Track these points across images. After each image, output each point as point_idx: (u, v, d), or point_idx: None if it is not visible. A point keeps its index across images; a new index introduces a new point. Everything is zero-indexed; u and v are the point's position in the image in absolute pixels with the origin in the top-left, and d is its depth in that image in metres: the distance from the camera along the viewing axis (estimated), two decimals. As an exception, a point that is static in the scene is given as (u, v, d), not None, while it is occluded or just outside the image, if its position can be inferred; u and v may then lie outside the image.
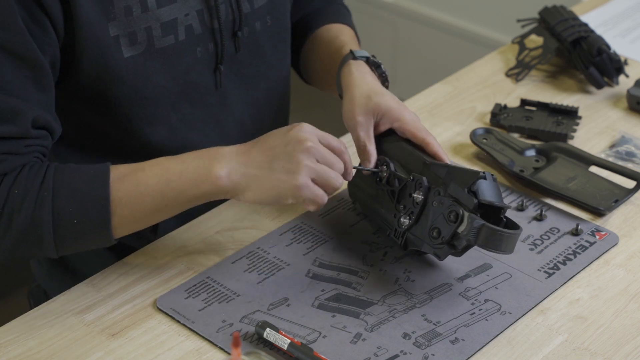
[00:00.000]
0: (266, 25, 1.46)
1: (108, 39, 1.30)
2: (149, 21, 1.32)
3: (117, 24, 1.30)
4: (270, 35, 1.47)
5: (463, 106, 1.67)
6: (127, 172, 1.26)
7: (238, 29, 1.41)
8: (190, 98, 1.40)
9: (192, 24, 1.36)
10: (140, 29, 1.32)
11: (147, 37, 1.33)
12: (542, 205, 1.44)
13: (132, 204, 1.25)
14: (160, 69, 1.35)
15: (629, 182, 1.47)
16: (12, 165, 1.25)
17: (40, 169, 1.25)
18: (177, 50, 1.36)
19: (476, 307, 1.27)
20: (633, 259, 1.36)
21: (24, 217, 1.23)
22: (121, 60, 1.32)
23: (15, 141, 1.26)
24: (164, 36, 1.34)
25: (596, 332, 1.24)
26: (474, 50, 2.94)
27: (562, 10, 1.79)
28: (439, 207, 1.25)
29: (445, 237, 1.24)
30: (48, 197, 1.23)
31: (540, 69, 1.76)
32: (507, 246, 1.23)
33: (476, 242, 1.22)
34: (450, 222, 1.23)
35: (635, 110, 1.66)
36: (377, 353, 1.20)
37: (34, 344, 1.22)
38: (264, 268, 1.32)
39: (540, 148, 1.54)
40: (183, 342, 1.22)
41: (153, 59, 1.34)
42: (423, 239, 1.27)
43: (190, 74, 1.39)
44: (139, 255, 1.35)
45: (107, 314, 1.26)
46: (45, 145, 1.30)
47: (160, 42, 1.34)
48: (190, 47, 1.37)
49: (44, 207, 1.23)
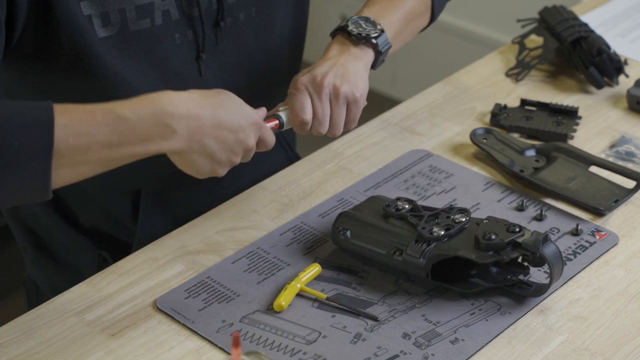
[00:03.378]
0: (250, 17, 1.43)
1: (81, 18, 1.28)
2: (123, 3, 1.30)
3: (89, 3, 1.28)
4: (254, 27, 1.44)
5: (463, 106, 1.67)
6: (74, 109, 1.16)
7: (220, 19, 1.39)
8: (172, 85, 1.36)
9: (170, 9, 1.34)
10: (114, 10, 1.30)
11: (121, 19, 1.31)
12: (542, 205, 1.44)
13: (78, 143, 1.14)
14: (136, 52, 1.33)
15: (629, 182, 1.47)
16: None
17: None
18: (153, 35, 1.34)
19: (476, 307, 1.27)
20: (633, 259, 1.36)
21: None
22: (96, 40, 1.29)
23: None
24: (139, 19, 1.32)
25: (596, 332, 1.24)
26: (474, 50, 2.94)
27: (562, 10, 1.79)
28: (491, 224, 1.26)
29: (503, 240, 1.23)
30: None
31: (540, 69, 1.76)
32: (559, 270, 1.25)
33: (540, 251, 1.22)
34: (510, 232, 1.24)
35: (635, 110, 1.66)
36: (377, 353, 1.20)
37: (34, 344, 1.22)
38: (264, 268, 1.32)
39: (540, 148, 1.54)
40: (183, 342, 1.22)
41: (127, 41, 1.32)
42: (461, 246, 1.25)
43: (170, 61, 1.37)
44: (139, 255, 1.35)
45: (107, 314, 1.26)
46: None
47: (135, 24, 1.32)
48: (168, 32, 1.35)
49: None
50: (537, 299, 1.28)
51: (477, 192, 1.46)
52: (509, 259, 1.24)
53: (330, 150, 1.55)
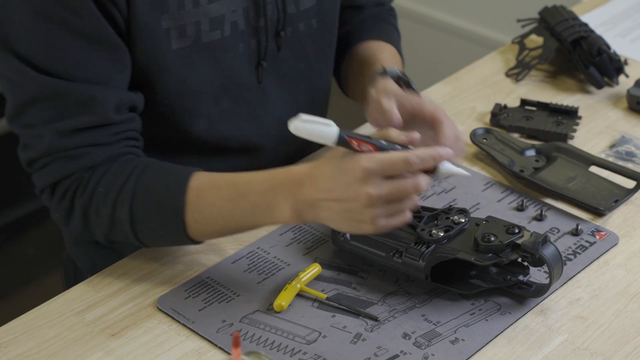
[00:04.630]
0: (311, 28, 1.45)
1: (160, 31, 1.30)
2: (199, 16, 1.32)
3: (169, 17, 1.30)
4: (314, 38, 1.47)
5: (463, 106, 1.67)
6: (204, 187, 1.26)
7: (281, 29, 1.41)
8: (231, 93, 1.41)
9: (237, 20, 1.36)
10: (190, 23, 1.32)
11: (196, 32, 1.33)
12: (542, 205, 1.44)
13: (206, 220, 1.25)
14: (204, 62, 1.35)
15: (629, 182, 1.47)
16: (99, 158, 1.27)
17: (126, 168, 1.27)
18: (221, 45, 1.36)
19: (476, 307, 1.27)
20: (633, 259, 1.35)
21: (108, 213, 1.27)
22: (169, 52, 1.32)
23: (98, 130, 1.27)
24: (211, 31, 1.34)
25: (596, 332, 1.24)
26: (474, 50, 2.94)
27: (562, 10, 1.79)
28: (490, 225, 1.26)
29: (503, 241, 1.23)
30: (127, 199, 1.26)
31: (540, 69, 1.76)
32: (559, 271, 1.25)
33: (539, 252, 1.22)
34: (509, 233, 1.24)
35: (635, 110, 1.66)
36: (377, 353, 1.20)
37: (34, 344, 1.22)
38: (264, 268, 1.32)
39: (540, 148, 1.54)
40: (183, 342, 1.22)
41: (199, 52, 1.34)
42: (460, 248, 1.25)
43: (232, 69, 1.39)
44: (139, 255, 1.35)
45: (107, 314, 1.26)
46: (133, 129, 1.31)
47: (208, 36, 1.34)
48: (234, 42, 1.37)
49: (124, 207, 1.26)
50: (537, 299, 1.27)
51: (477, 192, 1.46)
52: (508, 260, 1.24)
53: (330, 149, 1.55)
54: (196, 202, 1.25)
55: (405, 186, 1.17)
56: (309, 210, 1.20)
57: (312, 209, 1.20)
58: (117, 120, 1.28)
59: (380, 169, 1.16)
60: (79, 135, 1.27)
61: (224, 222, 1.25)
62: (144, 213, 1.26)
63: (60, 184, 1.28)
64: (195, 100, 1.38)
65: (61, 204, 1.29)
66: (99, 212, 1.27)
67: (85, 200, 1.27)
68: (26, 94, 1.26)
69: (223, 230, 1.27)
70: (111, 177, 1.27)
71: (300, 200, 1.20)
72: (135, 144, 1.32)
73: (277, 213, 1.22)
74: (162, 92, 1.35)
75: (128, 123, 1.30)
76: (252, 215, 1.24)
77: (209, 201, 1.25)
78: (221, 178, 1.26)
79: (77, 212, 1.28)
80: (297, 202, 1.20)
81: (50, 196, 1.30)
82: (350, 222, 1.18)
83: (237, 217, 1.24)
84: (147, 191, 1.26)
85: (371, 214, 1.16)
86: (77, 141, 1.27)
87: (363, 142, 1.17)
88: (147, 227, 1.27)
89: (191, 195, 1.25)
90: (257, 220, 1.24)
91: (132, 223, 1.26)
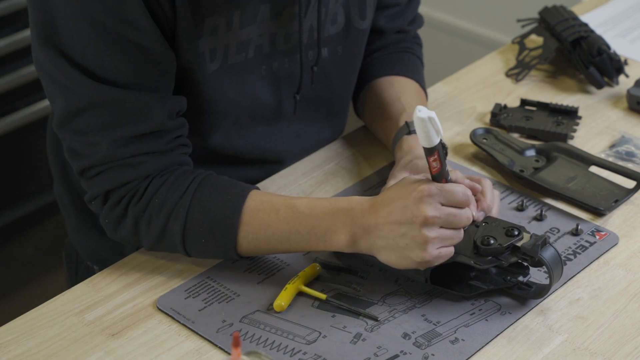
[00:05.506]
0: (336, 55, 1.46)
1: (197, 55, 1.31)
2: (229, 40, 1.33)
3: (204, 41, 1.31)
4: (338, 63, 1.47)
5: (463, 106, 1.67)
6: (260, 208, 1.27)
7: (313, 63, 1.43)
8: (258, 114, 1.42)
9: (262, 43, 1.37)
10: (221, 47, 1.33)
11: (224, 54, 1.34)
12: (542, 205, 1.44)
13: (258, 240, 1.28)
14: (230, 83, 1.36)
15: (629, 182, 1.47)
16: (156, 167, 1.29)
17: (183, 182, 1.28)
18: (246, 67, 1.37)
19: (476, 307, 1.27)
20: (633, 259, 1.36)
21: (160, 225, 1.28)
22: (206, 75, 1.33)
23: (153, 138, 1.28)
24: (237, 53, 1.35)
25: (596, 332, 1.24)
26: (474, 50, 2.94)
27: (562, 10, 1.79)
28: (489, 227, 1.26)
29: (502, 244, 1.23)
30: (182, 213, 1.27)
31: (540, 69, 1.76)
32: (558, 273, 1.25)
33: (539, 255, 1.22)
34: (509, 236, 1.24)
35: (635, 110, 1.66)
36: (377, 353, 1.20)
37: (34, 344, 1.22)
38: (264, 268, 1.32)
39: (540, 148, 1.54)
40: (183, 342, 1.22)
41: (225, 74, 1.35)
42: (459, 251, 1.25)
43: (256, 91, 1.40)
44: (139, 255, 1.35)
45: (107, 314, 1.26)
46: (184, 134, 1.33)
47: (233, 58, 1.35)
48: (257, 64, 1.38)
49: (177, 221, 1.27)
50: (537, 299, 1.27)
51: (477, 192, 1.46)
52: (508, 263, 1.24)
53: (330, 150, 1.55)
54: (251, 222, 1.27)
55: (460, 214, 1.21)
56: (365, 236, 1.22)
57: (368, 235, 1.22)
58: (170, 127, 1.30)
59: (440, 194, 1.20)
60: (135, 144, 1.28)
61: (276, 243, 1.27)
62: (197, 229, 1.28)
63: (114, 191, 1.29)
64: (219, 119, 1.39)
65: (114, 211, 1.30)
66: (151, 223, 1.28)
67: (139, 210, 1.28)
68: (81, 101, 1.26)
69: (273, 250, 1.29)
70: (168, 189, 1.28)
71: (359, 226, 1.22)
72: (187, 151, 1.34)
73: (334, 238, 1.24)
74: (189, 111, 1.36)
75: (180, 129, 1.32)
76: (307, 238, 1.26)
77: (265, 222, 1.27)
78: (279, 200, 1.28)
79: (129, 220, 1.29)
80: (355, 227, 1.23)
81: (102, 203, 1.31)
82: (402, 250, 1.21)
83: (292, 239, 1.26)
84: (202, 207, 1.27)
85: (425, 236, 1.19)
86: (134, 149, 1.28)
87: (438, 159, 1.20)
88: (197, 242, 1.28)
89: (247, 215, 1.27)
90: (311, 244, 1.26)
91: (183, 237, 1.28)
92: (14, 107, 2.35)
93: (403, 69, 1.55)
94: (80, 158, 1.29)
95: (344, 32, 1.45)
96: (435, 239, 1.20)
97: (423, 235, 1.19)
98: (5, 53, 2.32)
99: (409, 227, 1.20)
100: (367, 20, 1.47)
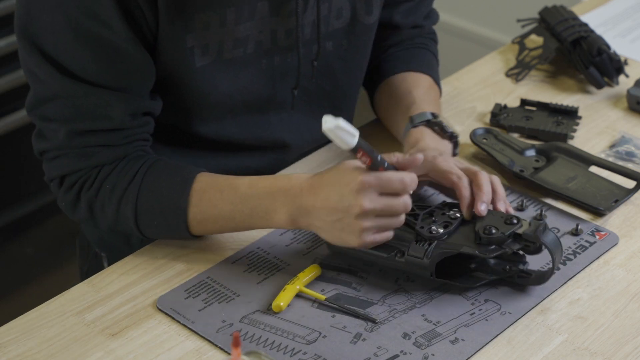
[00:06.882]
0: (341, 49, 1.46)
1: (184, 50, 1.33)
2: (224, 36, 1.34)
3: (194, 36, 1.32)
4: (343, 57, 1.48)
5: (463, 106, 1.67)
6: (206, 189, 1.30)
7: (314, 58, 1.44)
8: (254, 108, 1.44)
9: (263, 39, 1.38)
10: (214, 42, 1.34)
11: (218, 49, 1.35)
12: (542, 205, 1.44)
13: (207, 220, 1.31)
14: (225, 78, 1.38)
15: (629, 182, 1.47)
16: (108, 158, 1.32)
17: (132, 167, 1.32)
18: (244, 62, 1.38)
19: (476, 307, 1.27)
20: (633, 259, 1.36)
21: (113, 209, 1.32)
22: (193, 69, 1.34)
23: (110, 133, 1.32)
24: (234, 49, 1.36)
25: (596, 332, 1.24)
26: (474, 50, 2.94)
27: (562, 10, 1.79)
28: (487, 218, 1.26)
29: (504, 233, 1.24)
30: (132, 198, 1.31)
31: (540, 69, 1.76)
32: (559, 256, 1.26)
33: (541, 240, 1.23)
34: (508, 224, 1.25)
35: (635, 110, 1.66)
36: (377, 353, 1.20)
37: (34, 344, 1.22)
38: (264, 268, 1.32)
39: (540, 148, 1.54)
40: (183, 342, 1.22)
41: (220, 68, 1.36)
42: (462, 242, 1.26)
43: (254, 85, 1.41)
44: (139, 255, 1.35)
45: (107, 314, 1.26)
46: (146, 131, 1.36)
47: (230, 53, 1.36)
48: (256, 59, 1.39)
49: (128, 205, 1.31)
50: (537, 299, 1.28)
51: (477, 192, 1.46)
52: (512, 251, 1.25)
53: (330, 150, 1.55)
54: (199, 204, 1.30)
55: (396, 204, 1.24)
56: (304, 217, 1.25)
57: (306, 216, 1.25)
58: (130, 126, 1.33)
59: (377, 184, 1.22)
60: (91, 136, 1.31)
61: (224, 223, 1.31)
62: (148, 212, 1.31)
63: (68, 176, 1.33)
64: (209, 109, 1.40)
65: (68, 195, 1.34)
66: (104, 208, 1.32)
67: (91, 196, 1.32)
68: (47, 90, 1.30)
69: (223, 229, 1.32)
70: (117, 175, 1.31)
71: (297, 207, 1.25)
72: (144, 144, 1.36)
73: (274, 217, 1.27)
74: (180, 102, 1.39)
75: (141, 127, 1.35)
76: (250, 218, 1.29)
77: (212, 203, 1.29)
78: (224, 181, 1.31)
79: (82, 205, 1.33)
80: (293, 208, 1.26)
81: (58, 186, 1.35)
82: (338, 233, 1.24)
83: (236, 219, 1.30)
84: (151, 191, 1.31)
85: (360, 225, 1.22)
86: (88, 141, 1.31)
87: (366, 154, 1.21)
88: (150, 225, 1.32)
89: (194, 197, 1.30)
90: (254, 223, 1.30)
91: (136, 220, 1.31)
92: (14, 107, 2.35)
93: (417, 65, 1.57)
94: (42, 140, 1.34)
95: (350, 27, 1.46)
96: (370, 228, 1.23)
97: (358, 224, 1.22)
98: (5, 53, 2.32)
99: (345, 214, 1.22)
100: (373, 16, 1.48)
